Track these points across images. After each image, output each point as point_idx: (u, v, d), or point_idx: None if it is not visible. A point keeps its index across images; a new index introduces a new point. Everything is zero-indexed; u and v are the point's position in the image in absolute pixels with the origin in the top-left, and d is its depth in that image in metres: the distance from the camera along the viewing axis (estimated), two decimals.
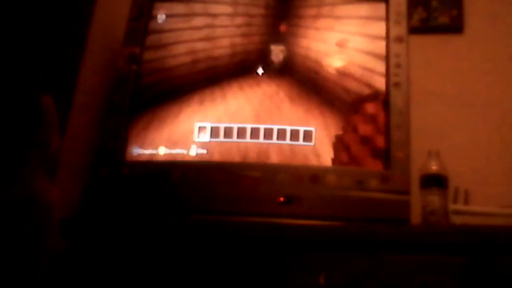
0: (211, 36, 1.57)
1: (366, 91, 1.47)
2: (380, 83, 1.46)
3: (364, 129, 1.43)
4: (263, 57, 1.54)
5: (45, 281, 1.35)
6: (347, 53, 1.52)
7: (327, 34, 1.54)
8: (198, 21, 1.59)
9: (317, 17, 1.57)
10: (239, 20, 1.59)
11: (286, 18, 1.58)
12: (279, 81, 1.51)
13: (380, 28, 1.51)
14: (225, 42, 1.56)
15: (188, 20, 1.60)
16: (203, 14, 1.60)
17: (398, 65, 1.46)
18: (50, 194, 0.83)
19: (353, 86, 1.48)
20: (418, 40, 1.80)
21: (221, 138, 1.45)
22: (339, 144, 1.43)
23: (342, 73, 1.50)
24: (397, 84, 1.45)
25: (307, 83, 1.49)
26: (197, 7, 1.61)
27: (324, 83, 1.49)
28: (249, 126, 1.45)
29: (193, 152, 1.45)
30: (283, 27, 1.56)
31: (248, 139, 1.45)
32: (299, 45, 1.54)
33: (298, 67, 1.52)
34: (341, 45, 1.52)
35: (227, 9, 1.60)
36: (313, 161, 1.42)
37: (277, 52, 1.54)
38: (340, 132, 1.44)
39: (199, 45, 1.57)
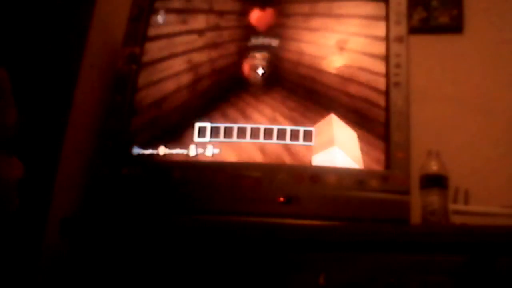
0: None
1: (366, 91, 1.47)
2: (380, 83, 1.46)
3: (364, 129, 1.43)
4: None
5: (45, 281, 1.35)
6: (346, 53, 1.52)
7: (326, 34, 1.54)
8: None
9: (314, 16, 1.57)
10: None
11: (275, 18, 1.57)
12: (271, 88, 1.50)
13: (380, 28, 1.51)
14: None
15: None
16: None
17: (398, 65, 1.46)
18: (10, 169, 0.81)
19: (353, 86, 1.47)
20: (418, 40, 1.79)
21: (221, 138, 1.45)
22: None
23: (341, 73, 1.49)
24: (397, 84, 1.45)
25: (305, 83, 1.49)
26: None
27: (323, 83, 1.49)
28: (249, 126, 1.45)
29: (193, 152, 1.45)
30: (270, 28, 1.56)
31: (248, 139, 1.45)
32: (292, 48, 1.54)
33: (292, 70, 1.52)
34: (340, 45, 1.52)
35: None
36: (313, 161, 1.42)
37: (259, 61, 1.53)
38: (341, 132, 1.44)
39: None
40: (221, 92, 1.51)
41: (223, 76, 1.54)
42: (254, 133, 1.45)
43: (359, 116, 1.44)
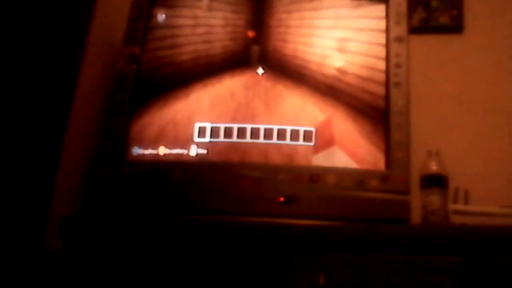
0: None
1: (366, 91, 1.47)
2: (380, 83, 1.46)
3: (364, 128, 1.43)
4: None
5: (45, 281, 1.35)
6: (346, 53, 1.52)
7: (327, 33, 1.54)
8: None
9: (316, 16, 1.57)
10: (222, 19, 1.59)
11: (279, 16, 1.58)
12: (275, 81, 1.51)
13: (380, 28, 1.51)
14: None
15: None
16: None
17: (398, 65, 1.46)
18: None
19: (353, 86, 1.47)
20: (418, 40, 1.80)
21: (221, 138, 1.45)
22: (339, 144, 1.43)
23: (341, 73, 1.50)
24: (397, 84, 1.45)
25: (305, 83, 1.49)
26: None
27: (323, 83, 1.49)
28: (249, 126, 1.45)
29: (193, 152, 1.45)
30: (275, 26, 1.56)
31: (248, 139, 1.45)
32: (295, 45, 1.54)
33: (294, 68, 1.52)
34: (340, 45, 1.52)
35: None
36: (313, 161, 1.42)
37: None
38: (340, 132, 1.44)
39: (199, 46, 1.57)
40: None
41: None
42: (254, 133, 1.45)
43: (359, 116, 1.44)
